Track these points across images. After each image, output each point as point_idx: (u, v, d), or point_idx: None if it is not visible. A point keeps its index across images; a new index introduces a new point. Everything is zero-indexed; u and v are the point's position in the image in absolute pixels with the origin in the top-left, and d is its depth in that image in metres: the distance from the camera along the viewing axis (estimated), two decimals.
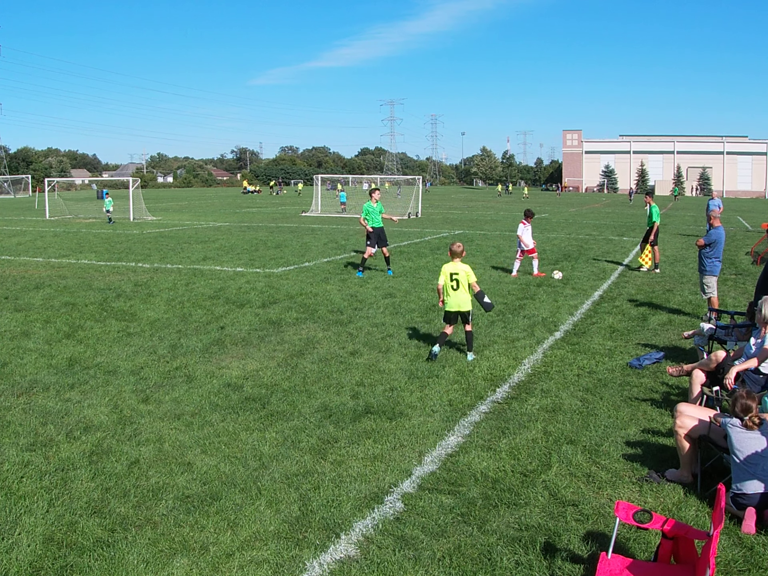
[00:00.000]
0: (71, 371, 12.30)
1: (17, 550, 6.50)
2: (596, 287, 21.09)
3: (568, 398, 10.79)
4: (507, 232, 41.38)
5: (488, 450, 8.82)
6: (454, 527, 6.90)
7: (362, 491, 7.70)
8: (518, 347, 13.82)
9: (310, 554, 6.43)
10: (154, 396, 10.93)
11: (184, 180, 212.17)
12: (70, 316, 16.80)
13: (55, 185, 77.93)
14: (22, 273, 24.06)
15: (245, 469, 8.30)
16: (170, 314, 16.95)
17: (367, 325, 15.65)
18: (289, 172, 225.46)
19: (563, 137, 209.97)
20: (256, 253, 30.26)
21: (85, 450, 8.85)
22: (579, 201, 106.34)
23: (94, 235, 40.44)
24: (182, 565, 6.24)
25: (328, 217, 57.77)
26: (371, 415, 10.03)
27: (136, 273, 24.11)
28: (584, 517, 7.09)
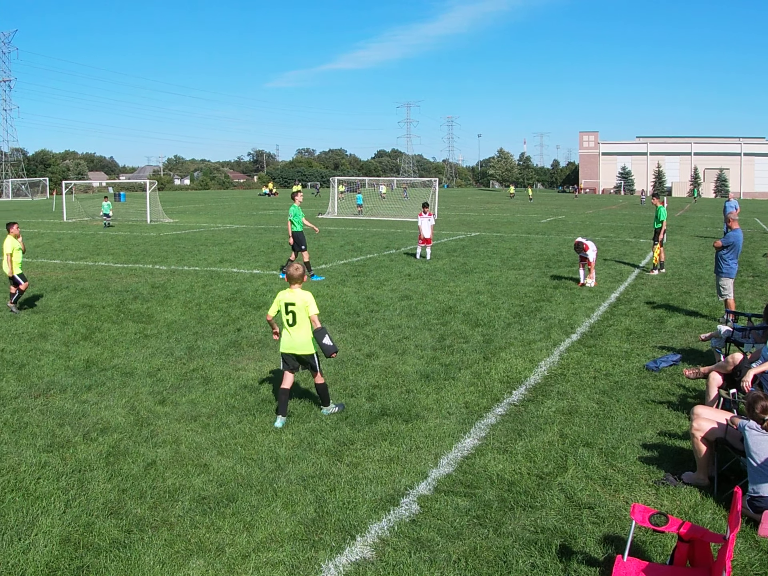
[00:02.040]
0: (88, 373, 12.35)
1: (34, 550, 6.54)
2: (613, 289, 21.02)
3: (585, 401, 10.76)
4: (524, 234, 41.28)
5: (504, 452, 8.81)
6: (469, 529, 6.90)
7: (378, 493, 7.70)
8: (534, 349, 13.79)
9: (325, 556, 6.44)
10: (171, 398, 10.97)
11: (201, 182, 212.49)
12: (87, 318, 16.87)
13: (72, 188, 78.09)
14: (39, 275, 24.17)
15: (261, 470, 8.32)
16: (187, 316, 17.00)
17: (383, 328, 15.65)
18: (306, 175, 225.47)
19: (580, 139, 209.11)
20: (273, 255, 30.30)
21: (102, 451, 8.89)
22: (596, 203, 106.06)
23: (111, 237, 40.57)
24: (198, 566, 6.26)
25: (344, 219, 57.77)
26: (387, 417, 10.03)
27: (153, 275, 24.19)
28: (600, 519, 7.08)
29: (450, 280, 22.54)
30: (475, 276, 23.47)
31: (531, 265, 26.42)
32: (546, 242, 36.31)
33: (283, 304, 10.29)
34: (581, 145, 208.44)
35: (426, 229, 28.80)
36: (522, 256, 29.59)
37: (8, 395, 11.12)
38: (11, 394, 11.20)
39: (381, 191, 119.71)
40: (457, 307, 17.91)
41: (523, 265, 26.70)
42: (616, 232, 43.55)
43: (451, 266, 26.28)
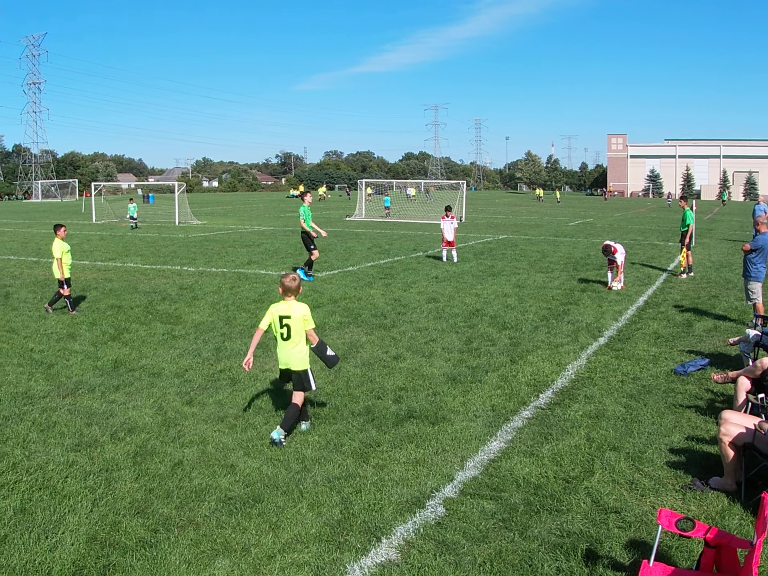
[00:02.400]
0: (116, 373, 12.43)
1: (61, 548, 6.59)
2: (641, 293, 20.92)
3: (612, 404, 10.72)
4: (551, 237, 41.16)
5: (531, 456, 8.80)
6: (495, 533, 6.90)
7: (404, 495, 7.71)
8: (562, 353, 13.76)
9: (351, 557, 6.45)
10: (198, 398, 11.02)
11: (229, 184, 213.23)
12: (115, 318, 16.98)
13: (101, 189, 78.65)
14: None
15: (288, 471, 8.34)
16: (215, 317, 17.07)
17: (410, 330, 15.66)
18: (334, 177, 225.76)
19: (608, 141, 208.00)
20: (301, 257, 30.32)
21: (129, 451, 8.95)
22: (624, 206, 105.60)
23: (139, 238, 40.79)
24: (224, 566, 6.29)
25: (372, 222, 57.82)
26: (414, 420, 10.03)
27: (181, 276, 24.31)
28: (626, 524, 7.05)
29: (477, 283, 22.52)
30: (503, 279, 23.44)
31: (558, 268, 26.36)
32: (574, 245, 36.20)
33: (277, 317, 9.65)
34: (609, 148, 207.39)
35: (449, 231, 28.80)
36: (550, 259, 29.51)
37: (37, 394, 11.20)
38: (40, 393, 11.30)
39: (408, 193, 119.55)
40: (484, 310, 17.89)
41: (550, 268, 26.63)
42: (645, 236, 43.34)
43: (478, 269, 26.26)
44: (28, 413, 10.36)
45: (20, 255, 31.93)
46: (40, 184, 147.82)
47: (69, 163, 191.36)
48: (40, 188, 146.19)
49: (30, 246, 36.51)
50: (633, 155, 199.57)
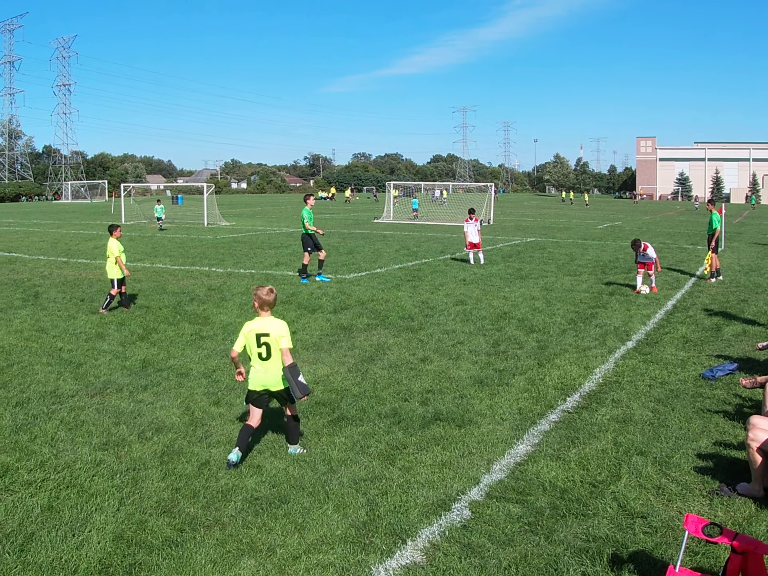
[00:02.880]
0: (144, 373, 12.50)
1: (87, 546, 6.63)
2: (669, 296, 20.80)
3: (640, 409, 10.67)
4: (580, 240, 41.03)
5: (557, 459, 8.77)
6: (521, 536, 6.88)
7: (430, 498, 7.70)
8: (590, 356, 13.70)
9: (376, 559, 6.45)
10: (226, 399, 11.07)
11: (258, 186, 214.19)
12: (144, 318, 17.07)
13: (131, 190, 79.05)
14: (98, 276, 24.47)
15: (314, 472, 8.36)
16: (243, 318, 17.06)
17: (437, 332, 15.65)
18: (362, 179, 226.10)
19: (637, 144, 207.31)
20: (328, 259, 30.34)
21: (156, 450, 8.99)
22: (653, 209, 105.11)
23: (168, 239, 41.00)
24: (249, 566, 6.31)
25: (400, 224, 57.84)
26: (440, 422, 10.03)
27: (210, 277, 24.41)
28: (653, 529, 7.01)
29: (505, 286, 22.48)
30: (531, 282, 23.39)
31: (587, 271, 26.26)
32: (602, 248, 36.07)
33: (253, 336, 8.92)
34: (638, 151, 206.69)
35: (473, 234, 28.87)
36: (578, 262, 29.42)
37: (65, 393, 11.28)
38: (68, 392, 11.37)
39: (436, 195, 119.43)
40: (511, 313, 17.85)
41: (578, 271, 26.54)
42: (674, 239, 43.13)
43: (506, 271, 26.21)
44: (57, 412, 10.44)
45: (50, 255, 32.16)
46: (69, 185, 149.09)
47: (99, 165, 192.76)
48: (70, 189, 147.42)
49: (59, 246, 36.75)
50: (662, 158, 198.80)
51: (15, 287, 22.16)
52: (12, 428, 9.75)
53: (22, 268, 27.27)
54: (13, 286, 22.48)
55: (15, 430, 9.70)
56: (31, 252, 33.71)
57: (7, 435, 9.50)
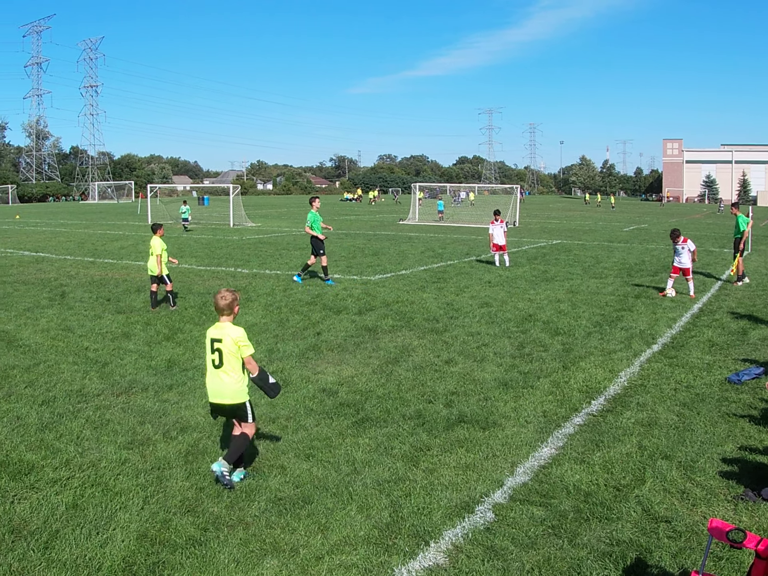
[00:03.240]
0: (170, 372, 12.56)
1: (111, 544, 6.68)
2: (696, 299, 20.68)
3: (665, 412, 10.62)
4: (605, 243, 40.87)
5: (581, 463, 8.75)
6: (544, 539, 6.87)
7: (453, 500, 7.70)
8: (615, 359, 13.65)
9: (399, 561, 6.46)
10: (251, 399, 11.09)
11: (284, 187, 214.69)
12: (169, 318, 17.16)
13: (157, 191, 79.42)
14: (124, 276, 24.65)
15: (338, 473, 8.37)
16: (268, 319, 17.17)
17: (462, 334, 15.63)
18: (388, 181, 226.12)
19: (663, 146, 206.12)
20: (354, 260, 30.46)
21: (181, 450, 9.04)
22: (679, 211, 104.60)
23: (194, 240, 41.17)
24: (272, 566, 6.33)
25: (425, 226, 57.82)
26: (464, 424, 10.02)
27: (235, 278, 24.49)
28: (677, 534, 6.98)
29: (530, 288, 22.43)
30: (556, 284, 23.33)
31: (612, 274, 26.15)
32: (628, 251, 35.91)
33: (208, 341, 8.35)
34: (665, 153, 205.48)
35: (499, 236, 28.80)
36: (603, 265, 29.31)
37: (91, 392, 11.35)
38: (94, 391, 11.44)
39: (461, 197, 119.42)
40: (537, 315, 17.82)
41: (604, 273, 26.44)
42: (700, 242, 42.85)
43: (531, 274, 26.16)
44: (82, 411, 10.51)
45: (77, 255, 32.37)
46: (96, 185, 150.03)
47: (125, 165, 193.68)
48: (97, 190, 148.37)
49: (86, 246, 36.98)
50: (689, 160, 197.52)
51: (42, 287, 22.32)
52: (38, 426, 9.83)
53: (48, 268, 27.47)
54: (40, 285, 22.65)
55: (41, 428, 9.78)
56: (57, 252, 33.94)
57: (33, 433, 9.58)
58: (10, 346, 14.31)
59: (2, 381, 12.00)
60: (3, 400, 11.01)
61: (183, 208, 51.77)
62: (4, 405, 10.75)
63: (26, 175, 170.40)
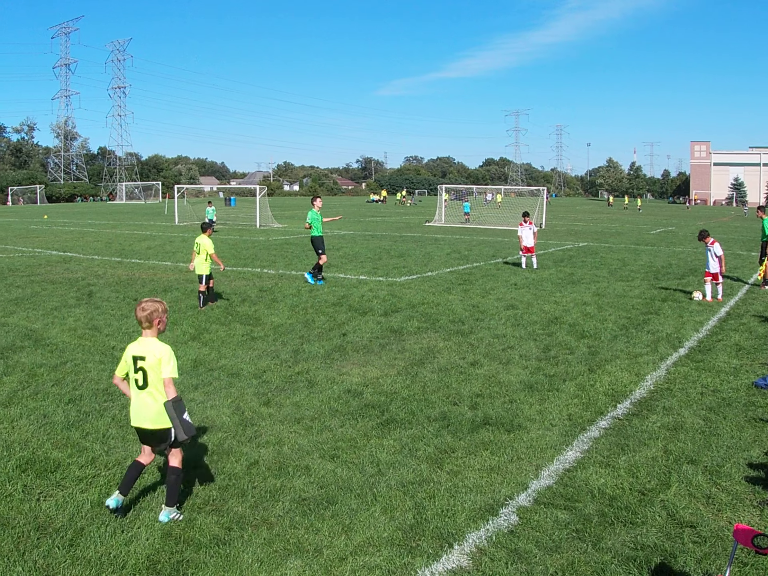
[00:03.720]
0: (196, 372, 12.61)
1: (136, 542, 6.72)
2: (723, 303, 20.55)
3: (691, 417, 10.56)
4: (632, 245, 40.68)
5: (606, 466, 8.71)
6: (568, 543, 6.84)
7: (477, 502, 7.69)
8: (641, 363, 13.58)
9: (422, 563, 6.46)
10: (276, 399, 11.12)
11: (310, 188, 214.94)
12: (196, 319, 17.22)
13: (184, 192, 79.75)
14: (151, 276, 24.76)
15: (362, 474, 8.38)
16: (293, 320, 17.21)
17: (488, 336, 15.61)
18: (414, 182, 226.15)
19: (691, 149, 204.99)
20: (380, 261, 30.47)
21: (205, 449, 9.07)
22: (707, 214, 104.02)
23: (221, 241, 41.29)
24: (295, 567, 6.34)
25: (451, 227, 57.77)
26: (489, 427, 10.00)
27: (261, 279, 24.56)
28: (702, 539, 6.94)
29: (556, 291, 22.37)
30: (582, 287, 23.25)
31: (639, 277, 26.03)
32: (655, 254, 35.75)
33: (131, 359, 7.52)
34: (692, 155, 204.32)
35: (527, 238, 28.74)
36: (630, 268, 29.18)
37: (117, 391, 11.37)
38: (120, 390, 11.48)
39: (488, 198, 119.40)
40: (563, 318, 17.76)
41: (631, 276, 26.32)
42: (728, 245, 42.60)
43: (557, 276, 26.08)
44: (108, 409, 10.58)
45: (104, 255, 32.57)
46: (124, 186, 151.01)
47: (153, 166, 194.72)
48: (124, 190, 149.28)
49: (114, 246, 37.21)
50: (716, 163, 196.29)
51: (69, 286, 22.47)
52: (64, 425, 9.89)
53: (76, 268, 27.65)
54: (68, 285, 22.80)
55: (67, 426, 9.84)
56: (85, 252, 34.16)
57: (60, 431, 9.64)
58: (38, 345, 14.42)
59: (30, 379, 12.10)
60: (30, 398, 11.09)
61: (208, 210, 51.93)
62: (32, 403, 10.84)
63: (54, 176, 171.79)
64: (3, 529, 6.95)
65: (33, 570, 6.26)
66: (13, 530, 6.94)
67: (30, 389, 11.53)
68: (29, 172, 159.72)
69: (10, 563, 6.34)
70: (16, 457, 8.73)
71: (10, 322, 16.67)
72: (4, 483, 8.03)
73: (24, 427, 9.83)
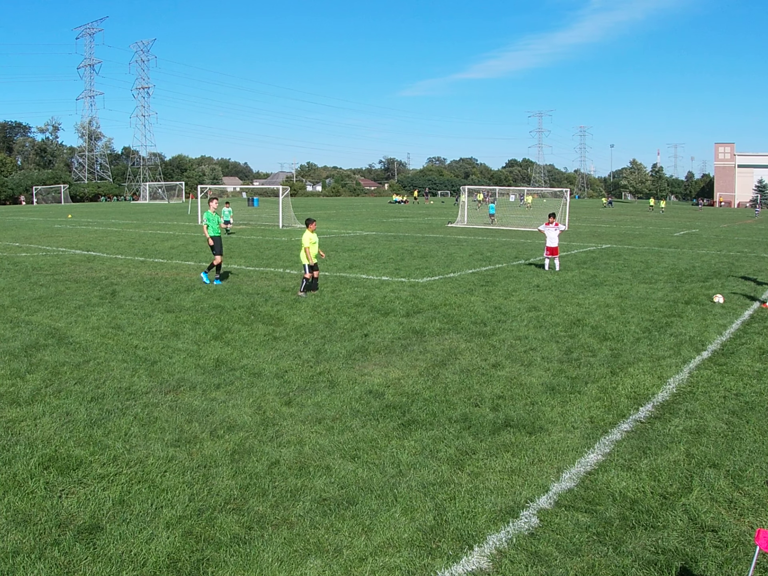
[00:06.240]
0: (218, 372, 12.64)
1: (157, 541, 6.75)
2: (746, 306, 20.43)
3: (713, 420, 10.51)
4: (656, 248, 40.48)
5: (628, 470, 8.68)
6: (589, 546, 6.82)
7: (498, 504, 7.68)
8: (664, 366, 13.53)
9: (442, 564, 6.45)
10: (297, 399, 11.14)
11: (333, 189, 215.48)
12: (218, 318, 17.26)
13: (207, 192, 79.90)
14: (174, 276, 24.83)
15: (383, 475, 8.38)
16: (315, 320, 17.22)
17: (510, 338, 15.58)
18: (437, 183, 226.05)
19: (715, 150, 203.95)
20: (402, 262, 30.45)
21: (227, 448, 9.09)
22: (730, 216, 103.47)
23: (243, 240, 41.42)
24: (315, 566, 6.35)
25: (474, 229, 57.71)
26: (510, 429, 9.98)
27: (284, 279, 24.60)
28: (723, 543, 6.91)
29: (579, 292, 22.29)
30: (605, 289, 23.16)
31: (663, 279, 25.91)
32: (679, 256, 35.57)
33: None
34: (716, 157, 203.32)
35: (552, 238, 28.60)
36: (653, 270, 29.05)
37: (140, 390, 11.46)
38: (143, 389, 11.55)
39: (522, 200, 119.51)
40: (585, 320, 17.70)
41: (654, 278, 26.20)
42: (751, 247, 42.39)
43: (580, 278, 25.99)
44: (131, 408, 10.62)
45: (127, 254, 32.70)
46: (147, 186, 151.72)
47: (176, 166, 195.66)
48: (148, 190, 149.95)
49: (137, 246, 37.36)
50: (741, 164, 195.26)
51: (93, 285, 22.57)
52: (87, 422, 9.94)
53: (99, 267, 27.78)
54: (91, 284, 22.90)
55: (89, 424, 9.89)
56: (108, 251, 34.32)
57: (82, 429, 9.69)
58: (61, 343, 14.49)
59: (52, 377, 12.16)
60: (53, 396, 11.15)
61: (225, 210, 51.94)
62: (54, 401, 10.89)
63: (78, 175, 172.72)
64: (25, 526, 7.00)
65: (54, 567, 6.29)
66: (35, 527, 6.99)
67: (53, 387, 11.59)
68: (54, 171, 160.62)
69: (32, 560, 6.38)
70: (39, 455, 8.78)
71: (34, 321, 16.77)
72: (27, 480, 8.08)
73: (47, 424, 9.89)
